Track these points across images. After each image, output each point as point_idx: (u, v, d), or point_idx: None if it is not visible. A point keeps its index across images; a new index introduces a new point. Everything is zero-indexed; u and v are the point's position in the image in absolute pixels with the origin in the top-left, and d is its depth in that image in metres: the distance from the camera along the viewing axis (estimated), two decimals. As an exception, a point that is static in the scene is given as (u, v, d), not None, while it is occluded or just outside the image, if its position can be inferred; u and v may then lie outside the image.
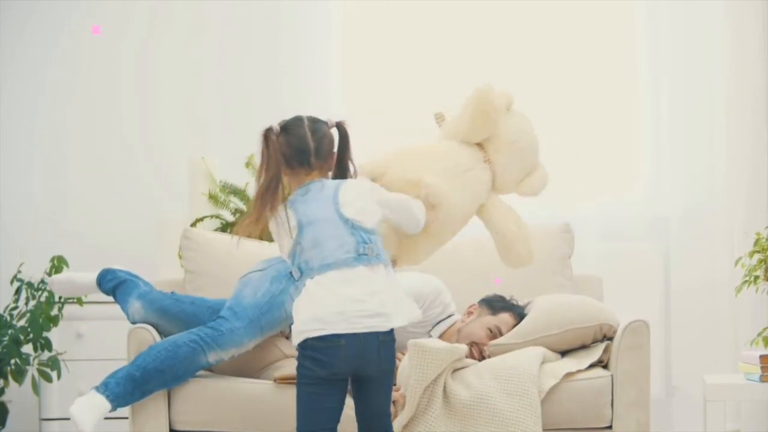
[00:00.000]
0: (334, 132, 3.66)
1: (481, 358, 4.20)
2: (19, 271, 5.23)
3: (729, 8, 5.47)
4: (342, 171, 3.65)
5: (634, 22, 5.59)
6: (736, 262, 4.71)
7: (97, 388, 4.00)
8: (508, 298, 4.35)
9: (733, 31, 5.48)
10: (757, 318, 5.31)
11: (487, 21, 5.57)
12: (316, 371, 3.41)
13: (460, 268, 4.62)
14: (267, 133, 3.61)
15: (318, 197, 3.55)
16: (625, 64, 5.57)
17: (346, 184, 3.59)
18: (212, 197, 5.29)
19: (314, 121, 3.64)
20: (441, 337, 4.31)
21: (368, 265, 3.48)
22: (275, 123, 3.66)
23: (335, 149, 3.64)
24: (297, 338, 3.44)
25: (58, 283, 4.49)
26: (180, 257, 5.02)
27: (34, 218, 5.65)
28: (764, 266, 4.60)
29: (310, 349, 3.42)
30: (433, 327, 4.34)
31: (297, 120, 3.65)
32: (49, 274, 5.16)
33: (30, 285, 5.17)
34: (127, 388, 4.00)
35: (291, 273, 3.55)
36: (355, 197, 3.56)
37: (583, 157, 5.54)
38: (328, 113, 4.96)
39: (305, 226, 3.51)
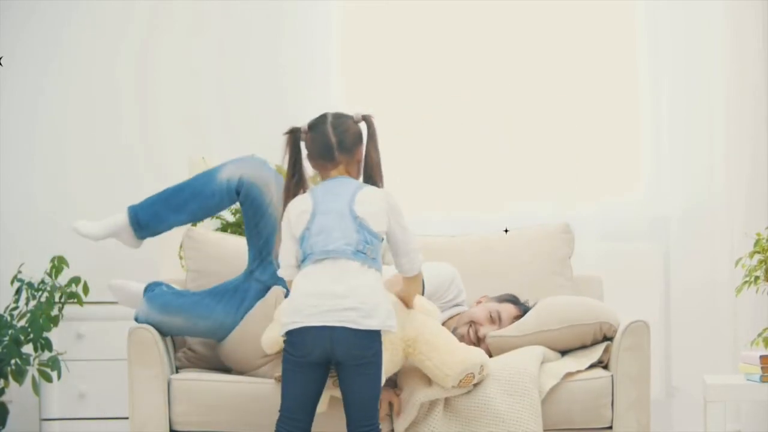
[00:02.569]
0: (363, 126, 3.78)
1: (477, 339, 4.22)
2: (20, 271, 5.23)
3: (729, 8, 5.47)
4: (368, 164, 3.75)
5: (634, 22, 5.59)
6: (737, 263, 4.71)
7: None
8: (522, 301, 4.38)
9: (733, 31, 5.48)
10: (757, 318, 5.32)
11: (487, 21, 5.57)
12: (292, 353, 3.58)
13: (463, 268, 4.62)
14: (289, 134, 3.80)
15: (337, 191, 3.69)
16: (625, 64, 5.57)
17: (366, 188, 3.71)
18: (212, 197, 5.28)
19: (338, 117, 3.78)
20: (445, 323, 4.33)
21: (363, 263, 3.60)
22: (303, 124, 3.81)
23: (362, 143, 3.76)
24: (281, 329, 3.63)
25: (115, 289, 4.45)
26: (180, 257, 5.03)
27: (34, 218, 5.65)
28: (764, 267, 4.60)
29: (288, 335, 3.60)
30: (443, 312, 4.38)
31: (321, 117, 3.80)
32: (50, 274, 5.16)
33: (30, 285, 5.17)
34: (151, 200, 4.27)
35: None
36: (371, 201, 3.68)
37: (583, 157, 5.54)
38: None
39: (317, 215, 3.66)
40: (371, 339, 3.58)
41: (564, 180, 5.55)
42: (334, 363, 3.61)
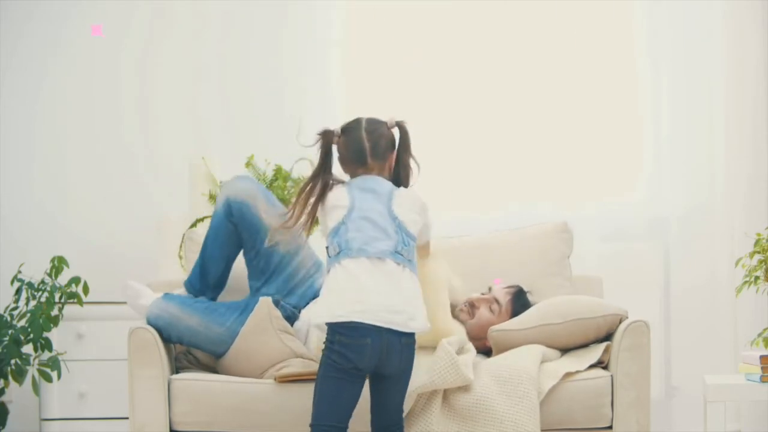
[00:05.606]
0: (395, 131, 3.80)
1: (472, 314, 4.33)
2: (20, 272, 5.23)
3: (729, 8, 5.47)
4: (401, 170, 3.80)
5: (634, 23, 5.59)
6: (737, 263, 4.71)
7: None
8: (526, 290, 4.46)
9: (733, 31, 5.47)
10: (757, 318, 5.31)
11: (487, 22, 5.57)
12: (341, 363, 3.55)
13: (462, 268, 4.62)
14: (322, 135, 3.78)
15: (375, 189, 3.71)
16: (624, 64, 5.57)
17: (400, 190, 3.76)
18: (212, 197, 5.29)
19: (372, 123, 3.80)
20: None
21: (400, 264, 3.62)
22: (336, 126, 3.82)
23: (395, 149, 3.80)
24: (321, 318, 3.60)
25: (128, 288, 4.41)
26: (180, 257, 5.03)
27: (34, 218, 5.65)
28: (765, 267, 4.60)
29: (338, 344, 3.56)
30: None
31: (355, 122, 3.81)
32: (50, 274, 5.16)
33: (30, 285, 5.17)
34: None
35: (327, 248, 3.69)
36: (408, 204, 3.73)
37: (583, 158, 5.54)
38: (328, 114, 5.01)
39: (356, 210, 3.67)
40: (413, 351, 3.64)
41: (564, 180, 5.55)
42: (377, 374, 3.62)
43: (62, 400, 5.26)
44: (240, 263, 4.42)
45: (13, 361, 5.10)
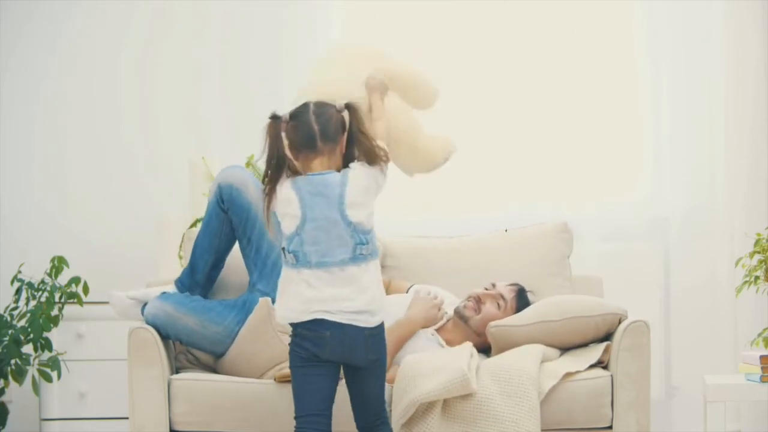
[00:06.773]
0: (346, 115, 3.74)
1: (479, 309, 4.30)
2: (20, 272, 5.23)
3: (729, 8, 5.47)
4: (356, 150, 3.73)
5: (634, 23, 5.59)
6: (737, 263, 4.71)
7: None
8: (527, 290, 4.45)
9: (733, 31, 5.47)
10: (757, 318, 5.31)
11: (487, 22, 5.57)
12: (302, 353, 3.62)
13: (462, 268, 4.62)
14: (271, 120, 3.72)
15: (325, 193, 3.65)
16: (625, 64, 5.57)
17: (350, 182, 3.67)
18: (212, 197, 5.29)
19: (320, 106, 3.74)
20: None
21: (361, 264, 3.63)
22: (285, 112, 3.75)
23: (345, 131, 3.73)
24: (282, 321, 3.69)
25: (113, 298, 4.40)
26: (180, 257, 5.03)
27: (34, 218, 5.65)
28: (765, 267, 4.60)
29: (299, 337, 3.62)
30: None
31: (303, 106, 3.76)
32: (50, 274, 5.16)
33: (30, 285, 5.17)
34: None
35: (282, 249, 3.67)
36: (361, 201, 3.66)
37: (583, 158, 5.54)
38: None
39: (309, 221, 3.64)
40: (382, 340, 3.66)
41: (564, 180, 5.55)
42: (347, 366, 3.66)
43: (62, 400, 5.26)
44: (234, 260, 4.43)
45: (13, 361, 5.11)
